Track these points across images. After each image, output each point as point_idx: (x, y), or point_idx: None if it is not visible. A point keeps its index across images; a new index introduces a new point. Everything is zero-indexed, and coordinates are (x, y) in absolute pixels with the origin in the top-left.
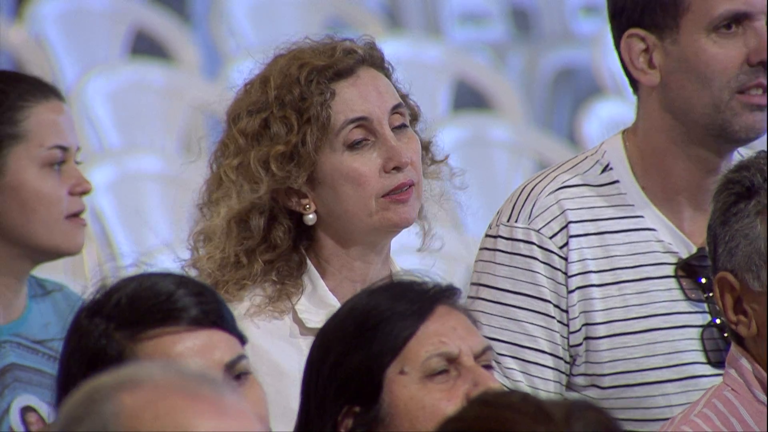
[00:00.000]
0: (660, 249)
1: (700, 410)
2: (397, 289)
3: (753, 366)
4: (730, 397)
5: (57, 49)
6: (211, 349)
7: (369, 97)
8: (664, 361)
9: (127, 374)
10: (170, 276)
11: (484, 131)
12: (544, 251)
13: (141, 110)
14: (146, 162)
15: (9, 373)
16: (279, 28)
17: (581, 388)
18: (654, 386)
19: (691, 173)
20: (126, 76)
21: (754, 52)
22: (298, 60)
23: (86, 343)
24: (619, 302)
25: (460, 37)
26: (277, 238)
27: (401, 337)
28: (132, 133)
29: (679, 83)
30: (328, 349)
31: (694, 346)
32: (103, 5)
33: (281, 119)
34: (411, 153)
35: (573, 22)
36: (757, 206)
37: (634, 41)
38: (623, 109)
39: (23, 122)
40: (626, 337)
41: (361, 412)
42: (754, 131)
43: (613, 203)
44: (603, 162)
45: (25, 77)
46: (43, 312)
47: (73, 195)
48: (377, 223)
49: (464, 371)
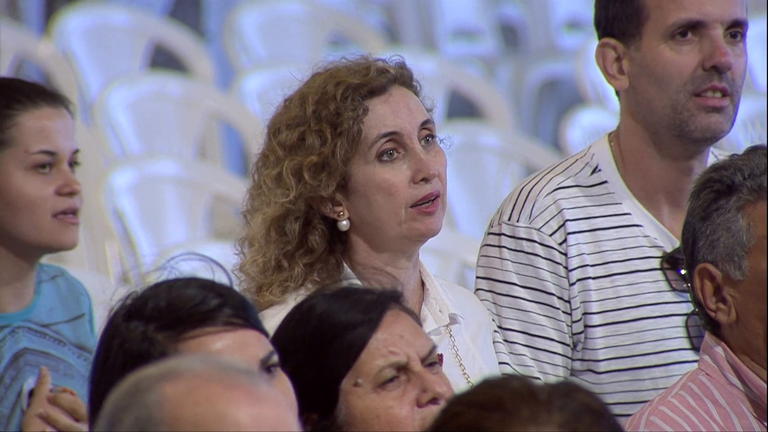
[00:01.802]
0: (647, 243)
1: (677, 392)
2: (350, 297)
3: (726, 352)
4: (704, 380)
5: (82, 62)
6: (247, 346)
7: (400, 113)
8: (652, 348)
9: (169, 366)
10: (197, 280)
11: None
12: (546, 248)
13: (159, 118)
14: (164, 166)
15: (22, 358)
16: (286, 44)
17: (579, 372)
18: (643, 371)
19: (666, 173)
20: (146, 87)
21: (707, 57)
22: (335, 78)
23: (129, 345)
24: (611, 294)
25: (453, 52)
26: (314, 242)
27: (353, 350)
28: (151, 140)
29: (643, 87)
30: (284, 359)
31: (679, 333)
32: (124, 21)
33: (316, 132)
34: (438, 165)
35: (557, 37)
36: (738, 202)
37: (607, 50)
38: (604, 117)
39: (9, 129)
40: (618, 326)
41: (319, 419)
42: (710, 131)
43: (603, 202)
44: (592, 164)
45: (16, 85)
46: (48, 297)
47: (61, 195)
48: (406, 231)
49: (413, 377)
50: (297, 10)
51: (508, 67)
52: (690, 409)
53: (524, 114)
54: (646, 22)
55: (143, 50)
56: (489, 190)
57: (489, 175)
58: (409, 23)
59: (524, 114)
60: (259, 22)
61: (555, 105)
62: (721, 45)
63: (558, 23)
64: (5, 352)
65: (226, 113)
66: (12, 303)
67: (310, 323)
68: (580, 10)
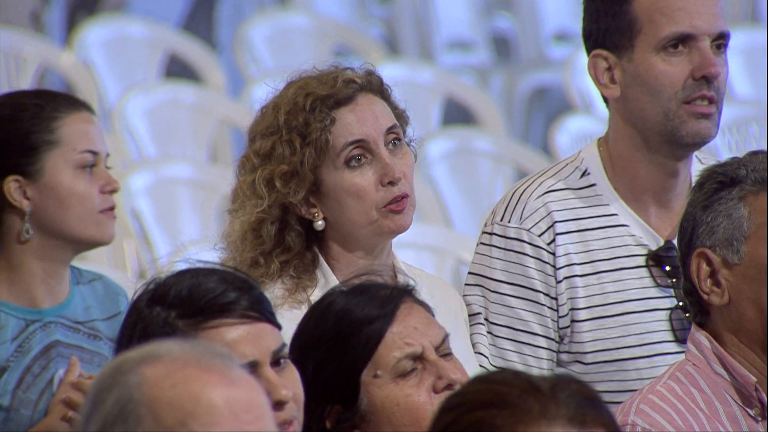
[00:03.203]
0: (632, 242)
1: (665, 382)
2: (365, 293)
3: (712, 344)
4: (691, 370)
5: (101, 71)
6: (261, 337)
7: (366, 121)
8: (637, 341)
9: (149, 350)
10: (218, 271)
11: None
12: (534, 247)
13: (174, 125)
14: (178, 169)
15: (53, 349)
16: (293, 55)
17: (566, 363)
18: (628, 362)
19: (653, 176)
20: (161, 95)
21: (697, 68)
22: (304, 90)
23: (151, 329)
24: (598, 290)
25: (449, 62)
26: (291, 241)
27: (371, 344)
28: (166, 145)
29: (635, 96)
30: (308, 355)
31: (663, 326)
32: (141, 33)
33: (287, 142)
34: (404, 167)
35: (546, 49)
36: (740, 192)
37: (599, 60)
38: (590, 123)
39: (58, 130)
40: (605, 320)
41: (343, 410)
42: (700, 136)
43: (591, 203)
44: (581, 168)
45: (58, 94)
46: (85, 297)
47: (104, 193)
48: (377, 229)
49: (428, 365)
50: (303, 23)
51: (501, 76)
52: (677, 397)
53: (515, 120)
54: (639, 35)
55: (159, 60)
56: (483, 192)
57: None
58: (407, 35)
59: (515, 120)
60: (267, 35)
61: (544, 112)
62: (710, 56)
63: (547, 35)
64: (35, 344)
65: (236, 120)
66: (46, 299)
67: (328, 320)
68: (568, 23)
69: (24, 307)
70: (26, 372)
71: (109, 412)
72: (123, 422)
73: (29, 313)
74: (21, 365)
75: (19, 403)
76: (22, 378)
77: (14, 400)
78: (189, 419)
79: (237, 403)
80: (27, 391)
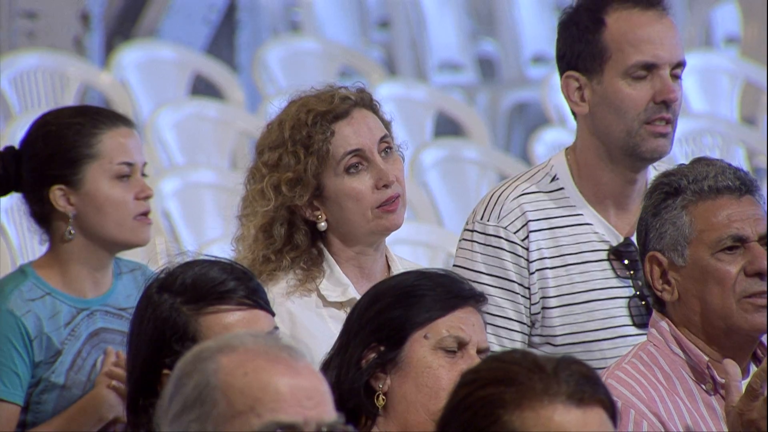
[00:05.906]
0: (596, 239)
1: (629, 360)
2: (445, 279)
3: (670, 327)
4: (652, 350)
5: (136, 89)
6: (255, 322)
7: (361, 132)
8: (600, 325)
9: (226, 340)
10: (220, 263)
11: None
12: (510, 243)
13: (199, 136)
14: (203, 175)
15: (97, 336)
16: (304, 75)
17: (538, 345)
18: (593, 344)
19: (614, 182)
20: (188, 110)
21: (658, 93)
22: (306, 106)
23: (159, 313)
24: (566, 280)
25: (440, 81)
26: (299, 240)
27: (434, 314)
28: (192, 154)
29: (602, 114)
30: (377, 299)
31: (623, 312)
32: (171, 56)
33: (292, 153)
34: (396, 171)
35: (526, 70)
36: (683, 202)
37: (571, 81)
38: (564, 135)
39: (97, 145)
40: (572, 307)
41: (384, 351)
42: (657, 153)
43: (560, 204)
44: (551, 174)
45: (100, 110)
46: (126, 286)
47: (139, 200)
48: (373, 228)
49: (467, 357)
50: (312, 47)
51: (486, 94)
52: (640, 373)
53: (499, 132)
54: (608, 61)
55: (186, 80)
56: (470, 195)
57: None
58: (404, 58)
59: (499, 132)
60: (281, 57)
61: (524, 125)
62: (670, 83)
63: (526, 58)
64: (82, 331)
65: (254, 132)
66: (91, 290)
67: (408, 280)
68: (545, 48)
69: (74, 296)
70: (77, 356)
71: (189, 395)
72: (201, 405)
73: (78, 302)
74: (73, 349)
75: (72, 383)
76: (74, 361)
77: (67, 380)
78: (258, 404)
79: (300, 391)
80: (78, 372)
